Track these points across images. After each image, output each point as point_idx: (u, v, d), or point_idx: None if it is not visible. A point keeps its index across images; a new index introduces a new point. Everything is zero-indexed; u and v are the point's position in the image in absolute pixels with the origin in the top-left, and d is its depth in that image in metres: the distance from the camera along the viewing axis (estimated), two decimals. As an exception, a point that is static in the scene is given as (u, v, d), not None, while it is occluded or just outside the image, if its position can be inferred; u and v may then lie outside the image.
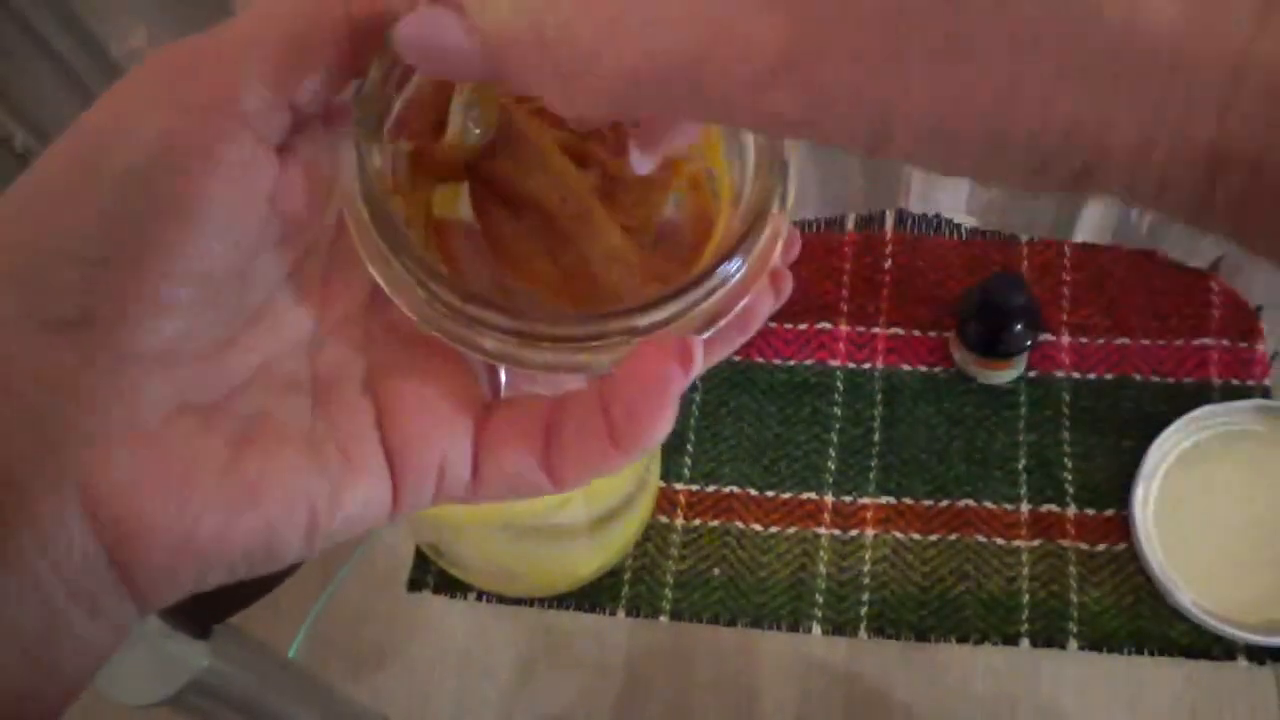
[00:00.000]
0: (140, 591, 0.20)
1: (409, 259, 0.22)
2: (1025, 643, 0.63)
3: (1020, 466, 0.68)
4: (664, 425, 0.22)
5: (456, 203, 0.26)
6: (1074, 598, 0.64)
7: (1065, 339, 0.71)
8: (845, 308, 0.74)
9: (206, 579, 0.21)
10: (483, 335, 0.22)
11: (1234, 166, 0.15)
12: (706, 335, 0.23)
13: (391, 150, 0.24)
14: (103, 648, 0.20)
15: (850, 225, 0.77)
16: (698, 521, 0.68)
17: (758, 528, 0.68)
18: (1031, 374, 0.71)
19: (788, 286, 0.25)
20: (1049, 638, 0.63)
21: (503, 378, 0.25)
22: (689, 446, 0.71)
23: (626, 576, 0.67)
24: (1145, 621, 0.63)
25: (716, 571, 0.67)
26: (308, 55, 0.21)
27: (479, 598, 0.68)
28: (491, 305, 0.22)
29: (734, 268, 0.22)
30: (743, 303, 0.23)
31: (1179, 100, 0.15)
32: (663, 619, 0.66)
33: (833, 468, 0.69)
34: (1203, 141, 0.15)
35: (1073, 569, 0.65)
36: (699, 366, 0.21)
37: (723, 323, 0.23)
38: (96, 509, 0.19)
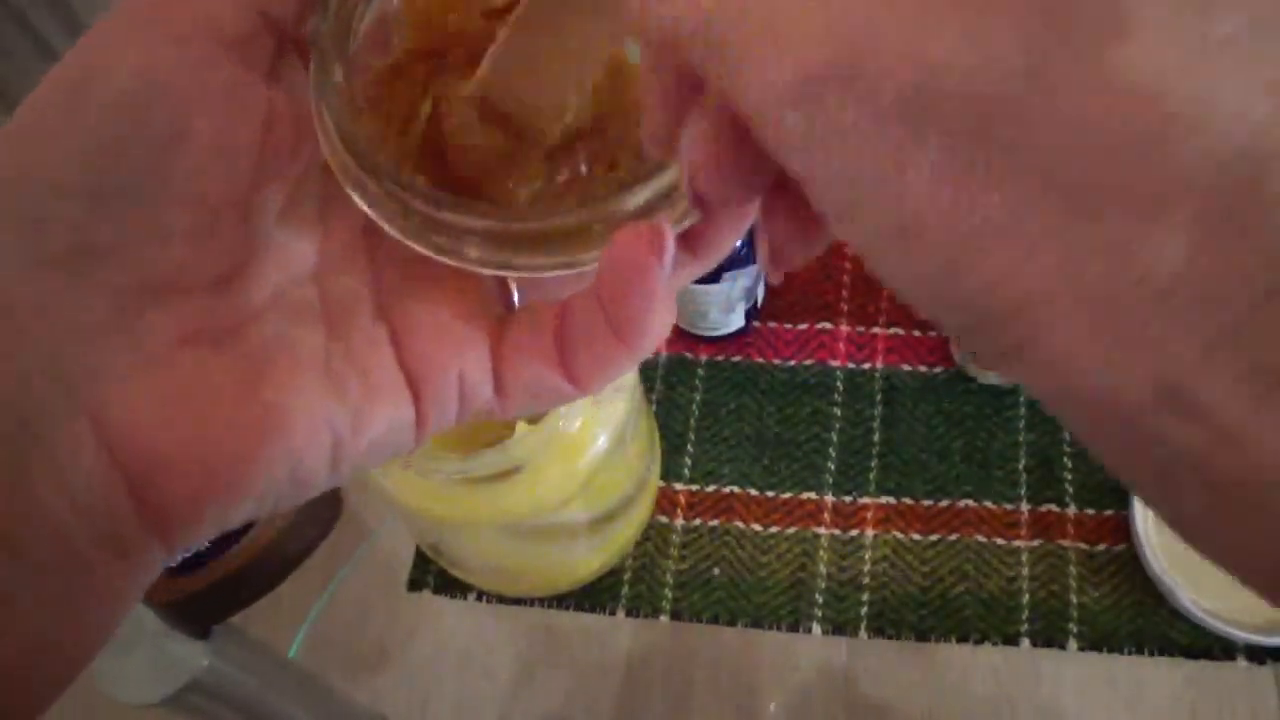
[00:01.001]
0: (166, 528, 0.20)
1: (380, 174, 0.22)
2: (1025, 643, 0.63)
3: (1020, 466, 0.68)
4: (658, 314, 0.22)
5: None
6: (1074, 598, 0.64)
7: (1065, 339, 0.71)
8: (845, 308, 0.74)
9: (233, 512, 0.21)
10: (466, 243, 0.22)
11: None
12: (691, 220, 0.22)
13: (363, 68, 0.24)
14: (128, 591, 0.20)
15: (850, 225, 0.77)
16: (698, 521, 0.68)
17: (758, 528, 0.68)
18: (1031, 374, 0.71)
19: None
20: (1049, 638, 0.63)
21: (514, 292, 0.25)
22: (689, 446, 0.71)
23: (626, 576, 0.67)
24: (1145, 621, 0.63)
25: (716, 571, 0.67)
26: None
27: (479, 598, 0.68)
28: (465, 207, 0.21)
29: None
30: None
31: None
32: (663, 619, 0.66)
33: (833, 468, 0.69)
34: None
35: (1073, 569, 0.65)
36: (670, 248, 0.21)
37: (692, 219, 0.22)
38: (112, 443, 0.19)
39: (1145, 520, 0.64)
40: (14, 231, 0.19)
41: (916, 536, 0.66)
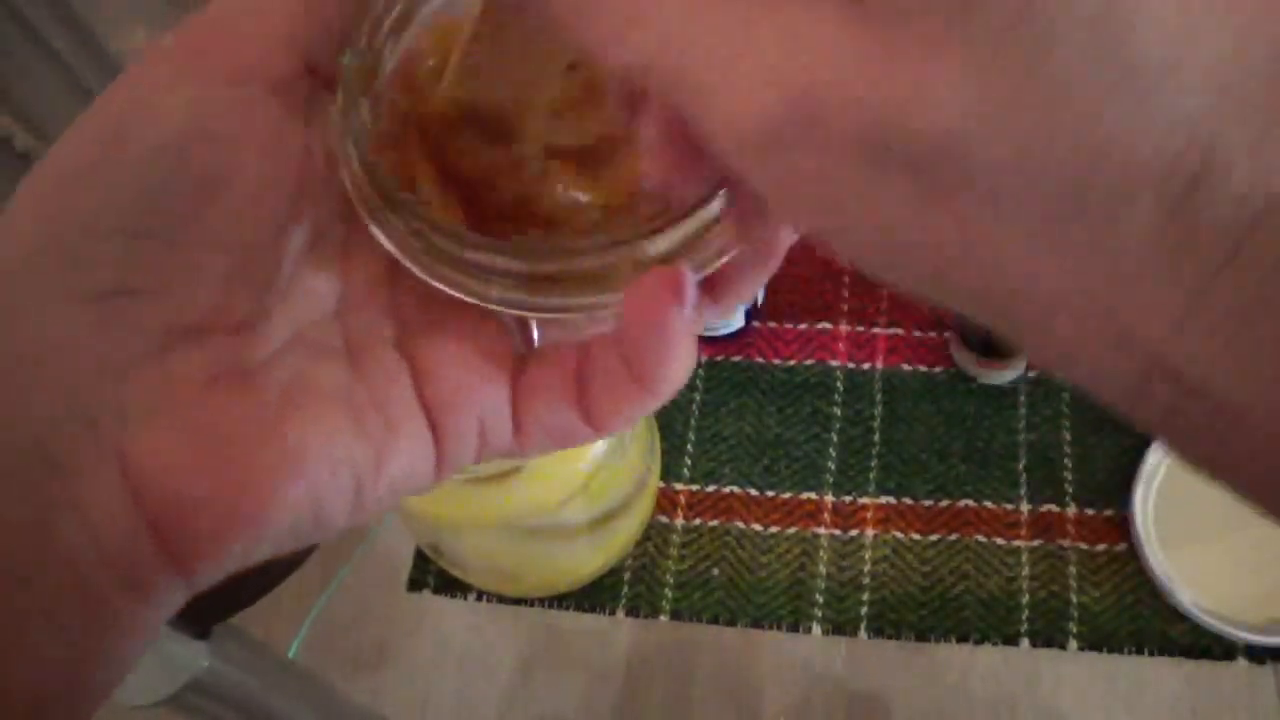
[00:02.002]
0: (187, 567, 0.20)
1: (402, 210, 0.22)
2: (1025, 643, 0.63)
3: (1020, 466, 0.68)
4: (679, 359, 0.21)
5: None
6: (1074, 598, 0.64)
7: (1065, 339, 0.71)
8: (845, 308, 0.74)
9: (254, 552, 0.20)
10: (489, 283, 0.22)
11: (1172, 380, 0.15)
12: (716, 265, 0.22)
13: (389, 104, 0.23)
14: (146, 628, 0.20)
15: (850, 225, 0.77)
16: (698, 521, 0.68)
17: (758, 528, 0.68)
18: (1031, 374, 0.71)
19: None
20: (1049, 638, 0.63)
21: (535, 331, 0.25)
22: (689, 446, 0.71)
23: (626, 576, 0.67)
24: (1145, 621, 0.63)
25: (716, 571, 0.67)
26: (320, 18, 0.21)
27: (479, 598, 0.68)
28: (489, 247, 0.21)
29: (713, 200, 0.21)
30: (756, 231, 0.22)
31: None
32: (663, 619, 0.66)
33: (833, 468, 0.69)
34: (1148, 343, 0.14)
35: (1073, 569, 0.65)
36: (692, 296, 0.21)
37: (732, 252, 0.22)
38: (137, 483, 0.19)
39: (1145, 520, 0.64)
40: (52, 269, 0.19)
41: (916, 536, 0.66)
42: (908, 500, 0.68)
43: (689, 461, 0.70)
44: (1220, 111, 0.13)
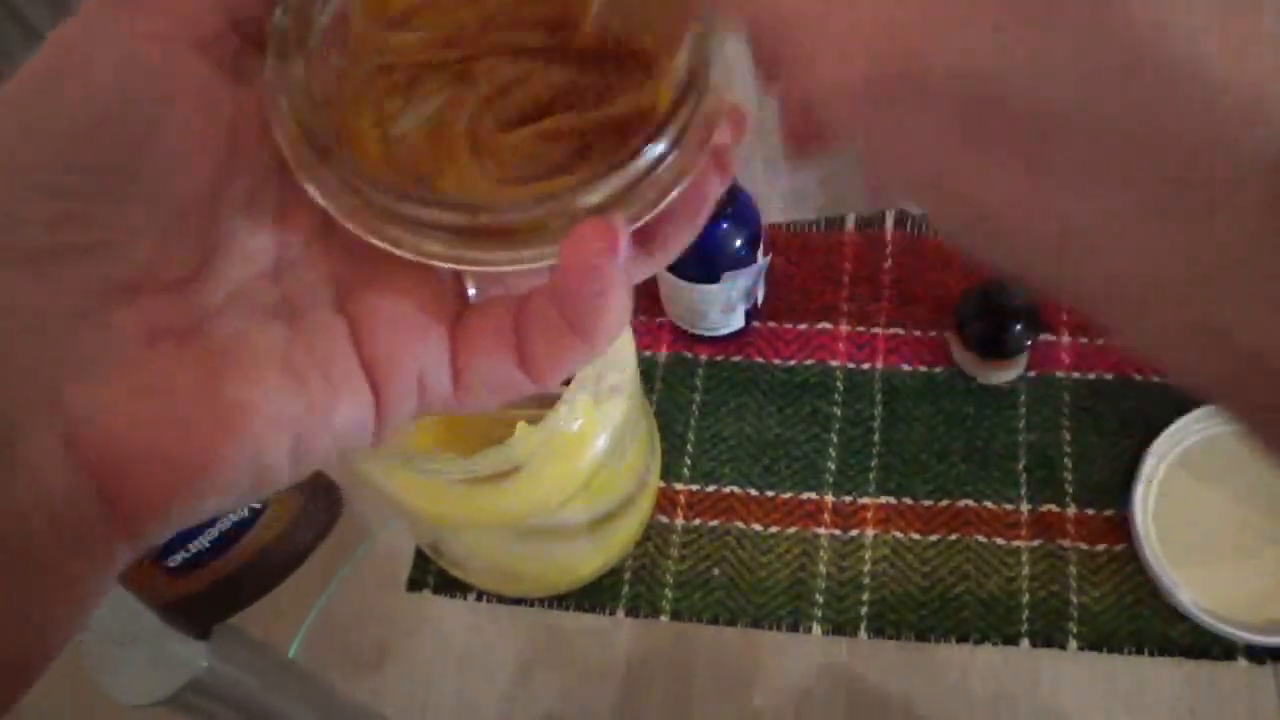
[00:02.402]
0: (131, 526, 0.20)
1: (336, 165, 0.22)
2: (1025, 643, 0.63)
3: (1020, 466, 0.68)
4: (613, 309, 0.22)
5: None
6: (1074, 598, 0.64)
7: (1065, 339, 0.71)
8: (845, 308, 0.74)
9: (196, 509, 0.21)
10: (423, 237, 0.22)
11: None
12: (648, 217, 0.23)
13: (322, 63, 0.24)
14: (92, 589, 0.20)
15: (850, 225, 0.77)
16: (698, 521, 0.68)
17: (758, 528, 0.68)
18: (1031, 374, 0.71)
19: (733, 166, 0.24)
20: (1049, 638, 0.63)
21: (470, 286, 0.25)
22: (689, 446, 0.71)
23: (626, 576, 0.67)
24: (1145, 621, 0.63)
25: (716, 571, 0.67)
26: None
27: (479, 598, 0.68)
28: (423, 200, 0.22)
29: (663, 143, 0.22)
30: (685, 180, 0.23)
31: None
32: (663, 619, 0.66)
33: (833, 468, 0.69)
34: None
35: (1073, 569, 0.65)
36: (625, 245, 0.21)
37: (664, 204, 0.23)
38: (79, 441, 0.19)
39: (1145, 520, 0.64)
40: None
41: (916, 536, 0.66)
42: (908, 500, 0.68)
43: (689, 461, 0.70)
44: None
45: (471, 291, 0.25)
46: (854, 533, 0.67)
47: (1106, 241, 0.14)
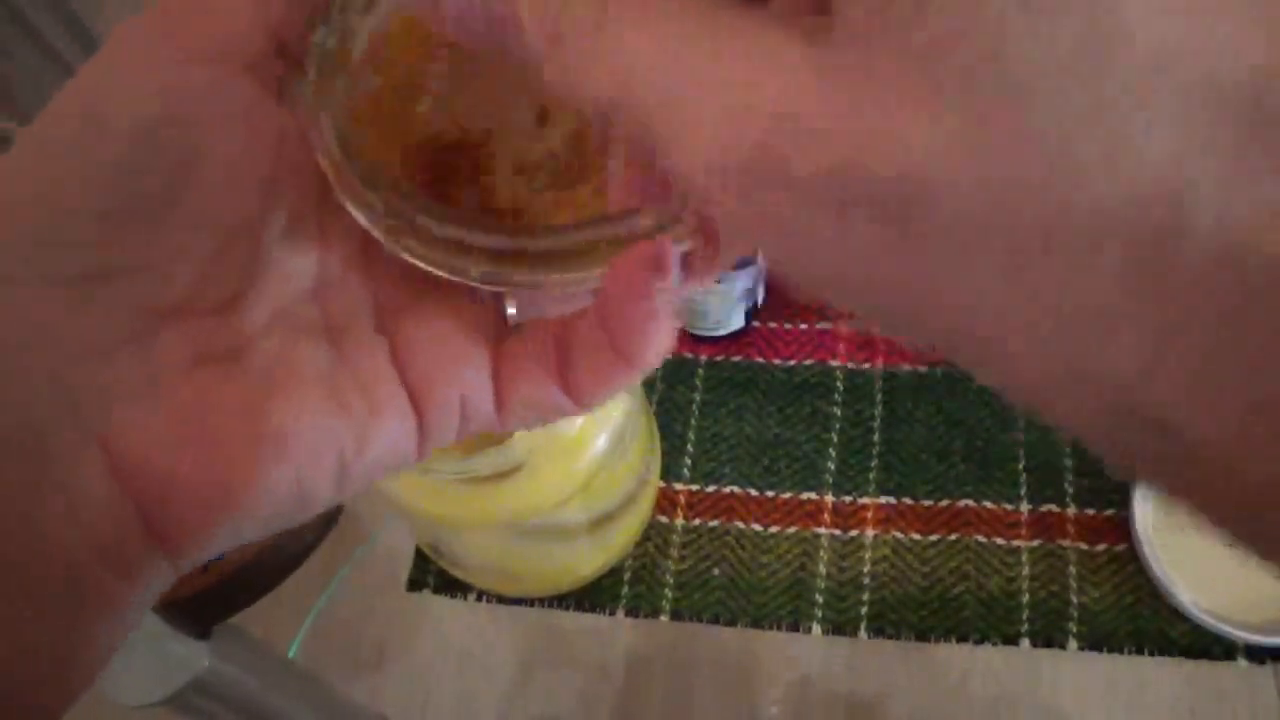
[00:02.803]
0: (173, 547, 0.20)
1: (381, 186, 0.22)
2: (1025, 643, 0.63)
3: (1020, 466, 0.68)
4: (660, 333, 0.22)
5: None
6: (1074, 598, 0.64)
7: (1065, 339, 0.71)
8: (845, 308, 0.74)
9: (240, 532, 0.21)
10: (469, 259, 0.22)
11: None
12: (694, 242, 0.22)
13: (363, 84, 0.24)
14: (132, 608, 0.20)
15: (850, 225, 0.77)
16: (698, 521, 0.68)
17: (758, 528, 0.68)
18: (1031, 374, 0.71)
19: None
20: (1049, 638, 0.63)
21: (510, 309, 0.25)
22: (689, 446, 0.71)
23: (626, 576, 0.67)
24: (1145, 621, 0.63)
25: (716, 571, 0.67)
26: None
27: (479, 598, 0.68)
28: (471, 222, 0.21)
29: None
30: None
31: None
32: (663, 619, 0.66)
33: (833, 468, 0.69)
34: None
35: (1073, 569, 0.65)
36: (675, 270, 0.21)
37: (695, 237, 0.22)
38: (121, 465, 0.19)
39: (1145, 520, 0.64)
40: (27, 252, 0.19)
41: (916, 536, 0.66)
42: (908, 500, 0.68)
43: (689, 461, 0.70)
44: (1187, 154, 0.13)
45: (511, 311, 0.25)
46: (854, 533, 0.67)
47: (973, 301, 0.14)
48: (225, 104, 0.21)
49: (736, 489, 0.69)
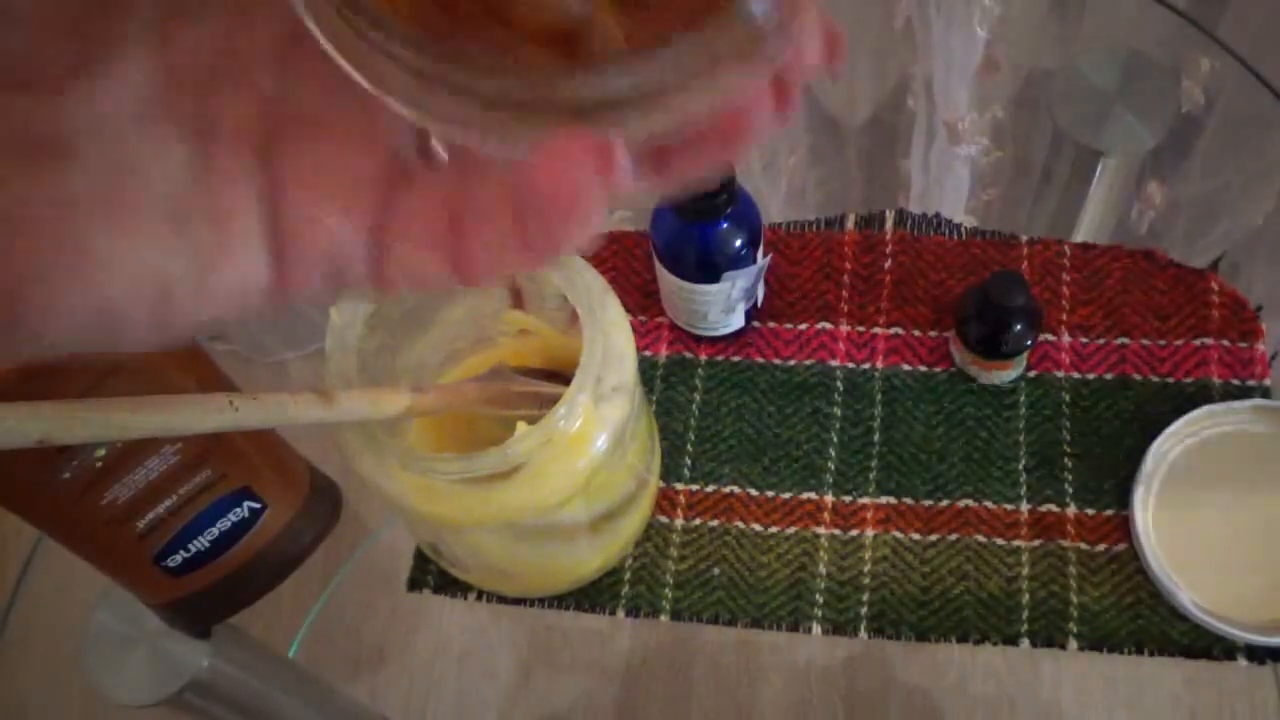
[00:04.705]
0: None
1: None
2: (1025, 643, 0.63)
3: (1020, 466, 0.68)
4: (579, 232, 0.18)
5: None
6: (1074, 598, 0.64)
7: (1065, 339, 0.71)
8: (845, 308, 0.74)
9: (26, 350, 0.18)
10: (396, 68, 0.17)
11: None
12: (652, 131, 0.18)
13: None
14: None
15: (850, 225, 0.77)
16: (698, 521, 0.68)
17: (758, 528, 0.68)
18: (1031, 374, 0.71)
19: (796, 94, 0.19)
20: (1049, 638, 0.63)
21: (441, 152, 0.20)
22: (689, 446, 0.71)
23: (626, 576, 0.67)
24: (1145, 621, 0.63)
25: (716, 571, 0.67)
26: None
27: (479, 598, 0.68)
28: (431, 45, 0.17)
29: (699, 40, 0.17)
30: (712, 98, 0.17)
31: None
32: (663, 619, 0.66)
33: (833, 468, 0.69)
34: None
35: (1073, 569, 0.65)
36: (623, 175, 0.17)
37: (664, 126, 0.18)
38: None
39: (1145, 520, 0.64)
40: None
41: (916, 536, 0.66)
42: (908, 500, 0.68)
43: (689, 461, 0.70)
44: None
45: (441, 152, 0.20)
46: (854, 533, 0.67)
47: None
48: None
49: (736, 489, 0.69)
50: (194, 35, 0.19)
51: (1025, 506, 0.67)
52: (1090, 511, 0.66)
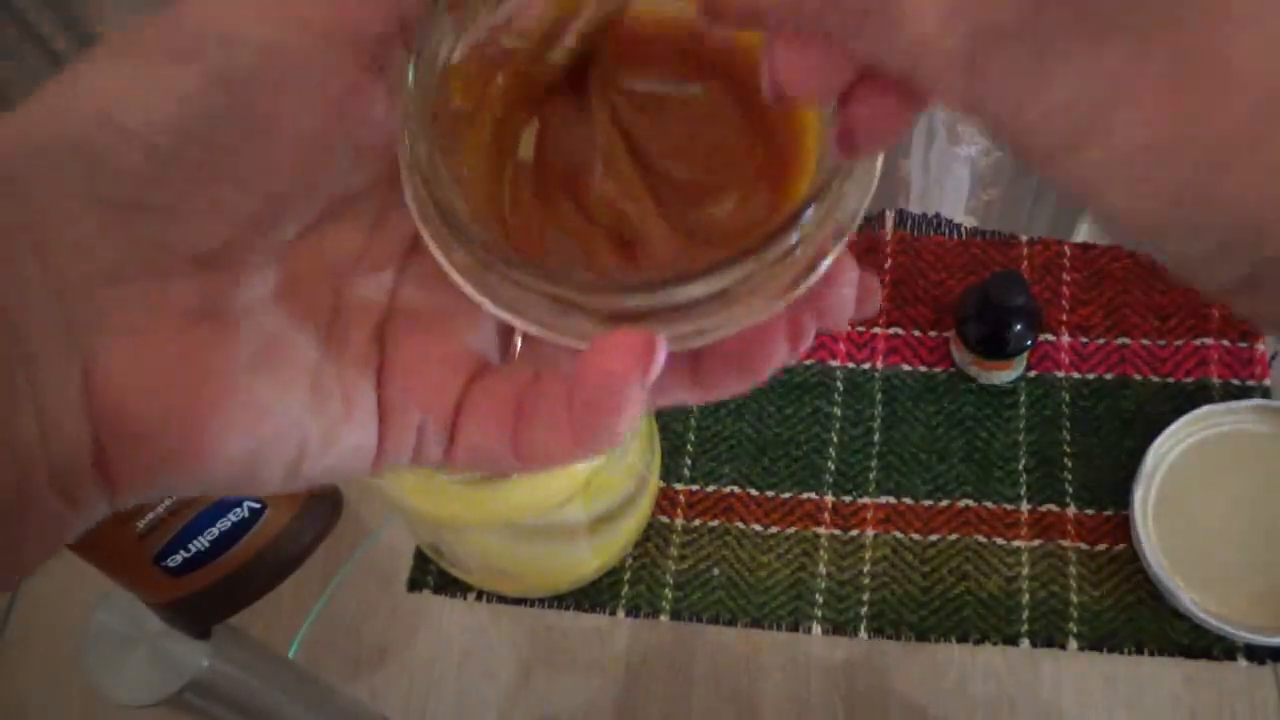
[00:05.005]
0: (113, 486, 0.20)
1: (440, 183, 0.21)
2: (1025, 643, 0.63)
3: (1020, 466, 0.68)
4: (620, 425, 0.20)
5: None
6: (1074, 598, 0.64)
7: (1065, 339, 0.71)
8: (845, 308, 0.74)
9: (182, 488, 0.20)
10: (497, 285, 0.21)
11: None
12: (696, 344, 0.21)
13: (463, 83, 0.23)
14: (65, 533, 0.20)
15: (850, 225, 0.77)
16: (698, 521, 0.68)
17: (758, 528, 0.68)
18: (1031, 374, 0.71)
19: (808, 336, 0.22)
20: (1049, 638, 0.63)
21: (517, 346, 0.24)
22: (689, 446, 0.71)
23: (626, 576, 0.67)
24: (1145, 621, 0.63)
25: (716, 571, 0.67)
26: None
27: (479, 598, 0.68)
28: (497, 249, 0.20)
29: (731, 268, 0.20)
30: (750, 322, 0.21)
31: None
32: (663, 619, 0.66)
33: (833, 468, 0.69)
34: None
35: (1073, 569, 0.65)
36: (655, 368, 0.20)
37: (717, 336, 0.21)
38: (94, 390, 0.19)
39: (1145, 520, 0.64)
40: (82, 166, 0.19)
41: (916, 536, 0.66)
42: (908, 500, 0.68)
43: (689, 461, 0.70)
44: None
45: (517, 349, 0.24)
46: (854, 533, 0.67)
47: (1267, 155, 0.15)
48: (318, 78, 0.20)
49: (736, 489, 0.69)
50: (340, 235, 0.22)
51: (1025, 506, 0.67)
52: (1090, 511, 0.66)
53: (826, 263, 0.21)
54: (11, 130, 0.19)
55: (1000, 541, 0.66)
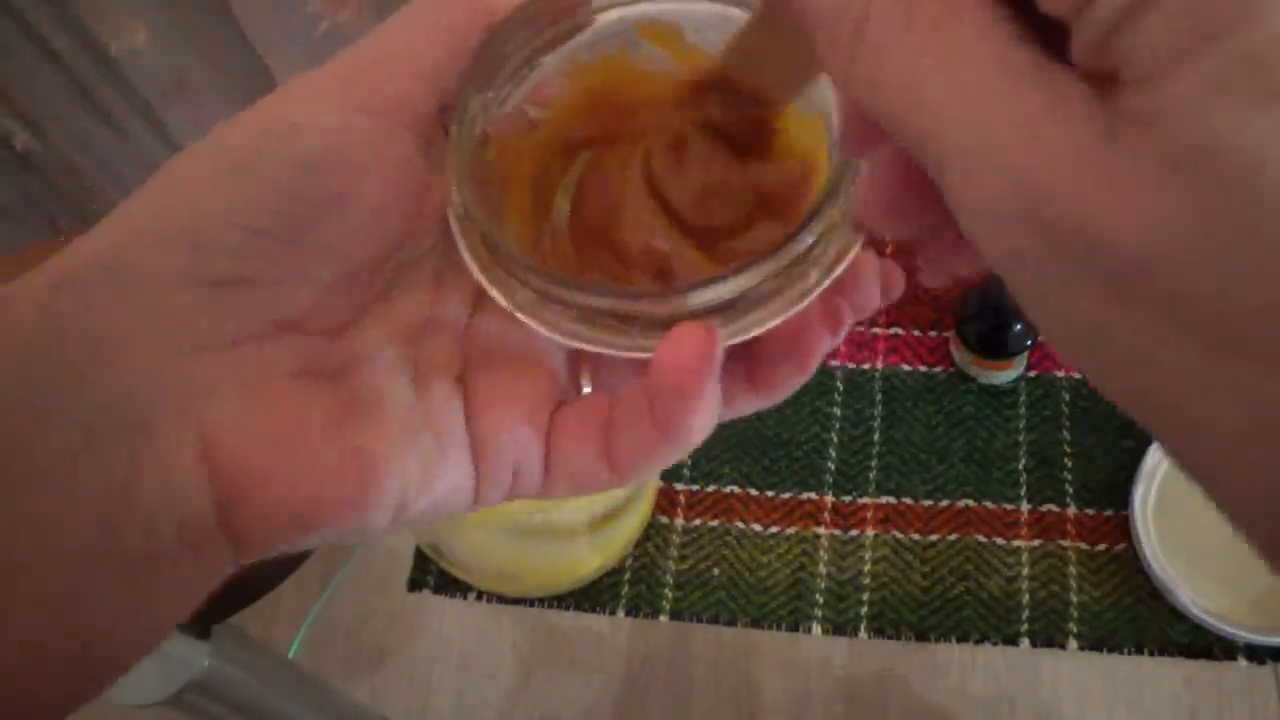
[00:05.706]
0: (238, 542, 0.21)
1: (499, 250, 0.23)
2: (1025, 643, 0.63)
3: (1020, 466, 0.68)
4: (701, 413, 0.22)
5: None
6: (1074, 598, 0.64)
7: (1065, 339, 0.71)
8: (845, 308, 0.74)
9: (299, 542, 0.22)
10: (559, 316, 0.23)
11: None
12: (748, 336, 0.23)
13: (500, 144, 0.25)
14: (198, 589, 0.21)
15: (850, 225, 0.77)
16: (698, 521, 0.68)
17: (758, 528, 0.68)
18: (1031, 374, 0.71)
19: (845, 323, 0.25)
20: (1049, 638, 0.63)
21: (586, 386, 0.26)
22: (689, 446, 0.71)
23: (626, 576, 0.67)
24: (1145, 621, 0.63)
25: (716, 571, 0.67)
26: (459, 65, 0.24)
27: (479, 598, 0.68)
28: (559, 280, 0.23)
29: (763, 264, 0.22)
30: (789, 312, 0.23)
31: None
32: (663, 619, 0.66)
33: (833, 468, 0.69)
34: None
35: (1073, 569, 0.65)
36: (719, 354, 0.22)
37: (747, 334, 0.23)
38: (212, 456, 0.21)
39: (1145, 520, 0.64)
40: (179, 249, 0.21)
41: (916, 536, 0.67)
42: (908, 500, 0.68)
43: (689, 461, 0.70)
44: None
45: (587, 390, 0.26)
46: (854, 533, 0.67)
47: (1167, 371, 0.16)
48: (382, 154, 0.23)
49: (736, 489, 0.69)
50: (411, 295, 0.25)
51: (1025, 506, 0.67)
52: (1090, 511, 0.66)
53: (853, 253, 0.23)
54: (124, 224, 0.21)
55: (1000, 541, 0.66)
